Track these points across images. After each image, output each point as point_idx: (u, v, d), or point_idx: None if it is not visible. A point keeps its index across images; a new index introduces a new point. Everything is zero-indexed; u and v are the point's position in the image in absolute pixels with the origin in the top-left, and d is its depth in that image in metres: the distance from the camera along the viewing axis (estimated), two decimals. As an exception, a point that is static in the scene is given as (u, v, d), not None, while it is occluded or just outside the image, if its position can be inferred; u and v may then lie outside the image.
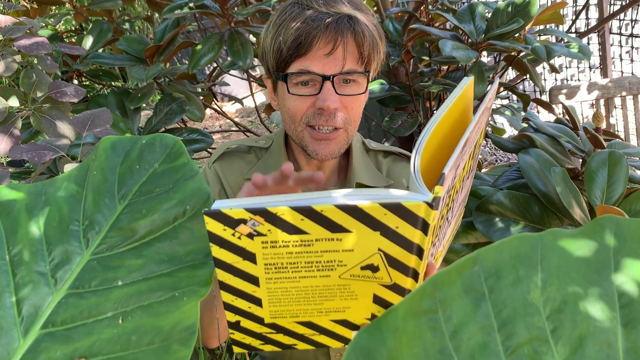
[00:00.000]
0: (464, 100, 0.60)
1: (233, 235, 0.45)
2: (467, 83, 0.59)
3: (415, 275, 0.50)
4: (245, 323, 0.55)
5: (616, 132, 2.12)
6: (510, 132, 3.07)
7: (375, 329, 0.33)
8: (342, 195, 0.44)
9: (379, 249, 0.47)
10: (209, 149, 1.58)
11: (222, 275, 0.48)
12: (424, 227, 0.45)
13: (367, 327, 0.33)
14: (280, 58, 0.79)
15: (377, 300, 0.53)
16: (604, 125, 1.41)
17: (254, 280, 0.49)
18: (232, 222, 0.43)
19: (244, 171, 0.90)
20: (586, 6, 1.95)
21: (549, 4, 3.13)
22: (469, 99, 0.63)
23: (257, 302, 0.52)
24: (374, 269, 0.49)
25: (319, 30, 0.75)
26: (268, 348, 0.59)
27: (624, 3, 1.89)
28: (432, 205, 0.43)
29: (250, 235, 0.45)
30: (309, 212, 0.43)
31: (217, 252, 0.46)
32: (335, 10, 0.77)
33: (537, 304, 0.34)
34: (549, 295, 0.34)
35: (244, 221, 0.43)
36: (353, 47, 0.78)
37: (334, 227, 0.45)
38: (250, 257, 0.47)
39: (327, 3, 0.78)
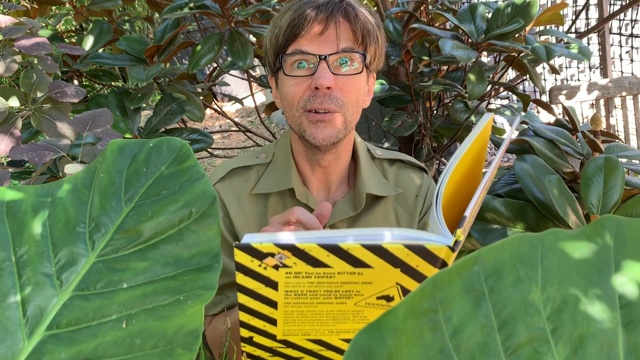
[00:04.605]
0: (483, 137, 0.63)
1: (259, 266, 0.47)
2: (487, 120, 0.62)
3: None
4: (258, 339, 0.57)
5: (616, 132, 2.11)
6: (510, 132, 3.07)
7: (375, 329, 0.33)
8: (368, 235, 0.46)
9: (397, 283, 0.50)
10: (209, 149, 1.58)
11: (243, 299, 0.50)
12: (443, 266, 0.47)
13: (367, 327, 0.33)
14: (277, 45, 0.81)
15: None
16: (603, 127, 1.42)
17: (272, 304, 0.52)
18: (260, 255, 0.46)
19: (247, 188, 0.89)
20: (586, 6, 1.95)
21: (549, 4, 3.12)
22: (487, 135, 0.66)
23: (273, 322, 0.54)
24: (389, 299, 0.52)
25: (310, 11, 0.78)
26: None
27: (624, 3, 1.89)
28: (453, 248, 0.45)
29: (276, 267, 0.47)
30: (335, 249, 0.45)
31: (242, 279, 0.48)
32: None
33: (538, 304, 0.34)
34: (550, 295, 0.34)
35: (272, 254, 0.46)
36: (346, 26, 0.80)
37: (357, 263, 0.47)
38: (273, 284, 0.49)
39: None
